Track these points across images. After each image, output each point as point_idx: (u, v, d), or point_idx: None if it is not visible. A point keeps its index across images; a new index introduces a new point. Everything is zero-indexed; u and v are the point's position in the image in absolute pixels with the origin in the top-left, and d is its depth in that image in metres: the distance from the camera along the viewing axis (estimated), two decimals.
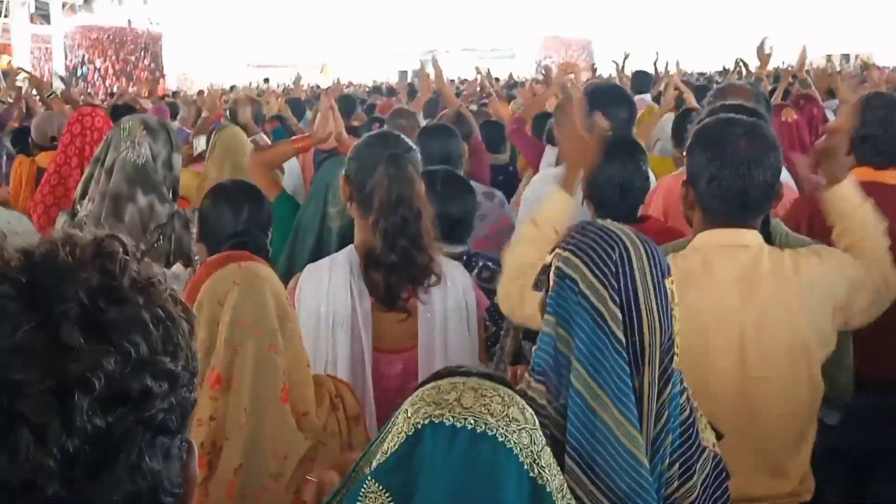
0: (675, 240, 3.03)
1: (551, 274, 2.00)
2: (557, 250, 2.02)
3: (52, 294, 0.99)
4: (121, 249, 1.07)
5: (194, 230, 3.73)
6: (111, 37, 31.77)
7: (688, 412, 2.05)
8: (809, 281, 2.72)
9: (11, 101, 9.47)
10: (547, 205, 3.12)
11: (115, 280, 1.04)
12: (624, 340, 1.90)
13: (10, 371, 0.95)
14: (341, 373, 3.03)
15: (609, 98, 4.79)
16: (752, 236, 2.76)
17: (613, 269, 1.93)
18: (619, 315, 1.91)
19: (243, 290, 2.55)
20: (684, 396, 2.04)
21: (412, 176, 3.21)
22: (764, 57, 9.00)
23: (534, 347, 2.02)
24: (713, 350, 2.68)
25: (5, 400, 0.95)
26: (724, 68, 16.49)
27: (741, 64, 12.96)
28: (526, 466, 1.48)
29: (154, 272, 1.10)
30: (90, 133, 5.14)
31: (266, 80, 25.85)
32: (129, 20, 33.83)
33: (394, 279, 3.11)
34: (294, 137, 5.38)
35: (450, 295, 3.20)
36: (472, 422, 1.48)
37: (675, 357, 1.99)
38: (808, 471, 2.82)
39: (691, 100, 7.75)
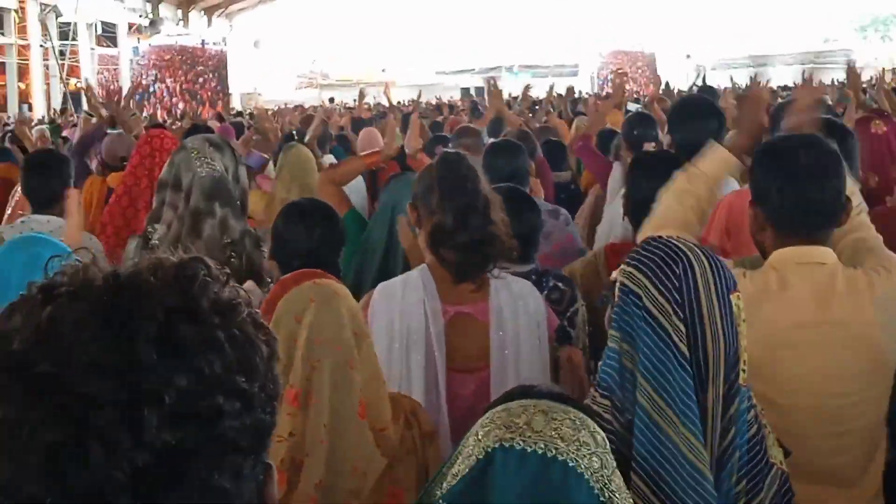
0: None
1: (616, 289, 1.99)
2: (623, 266, 2.00)
3: (130, 312, 1.02)
4: (202, 272, 1.09)
5: (265, 249, 3.76)
6: (183, 57, 32.22)
7: (756, 428, 2.03)
8: (885, 295, 2.70)
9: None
10: (706, 160, 3.11)
11: (193, 301, 1.06)
12: (688, 354, 1.88)
13: (83, 385, 0.97)
14: (415, 391, 3.03)
15: (698, 111, 4.72)
16: (828, 254, 2.74)
17: (677, 284, 1.91)
18: (683, 329, 1.88)
19: (320, 307, 2.55)
20: (752, 413, 2.02)
21: (472, 165, 3.26)
22: (854, 78, 8.75)
23: (599, 363, 2.01)
24: (788, 365, 2.66)
25: (78, 412, 0.97)
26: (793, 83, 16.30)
27: (806, 78, 12.85)
28: (597, 490, 1.47)
29: (237, 295, 1.12)
30: (159, 154, 5.17)
31: (331, 100, 26.02)
32: (203, 40, 34.25)
33: (466, 258, 3.13)
34: (364, 153, 5.41)
35: (521, 313, 3.18)
36: (543, 446, 1.48)
37: (743, 373, 1.97)
38: (880, 486, 2.79)
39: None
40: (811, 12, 46.53)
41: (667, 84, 13.05)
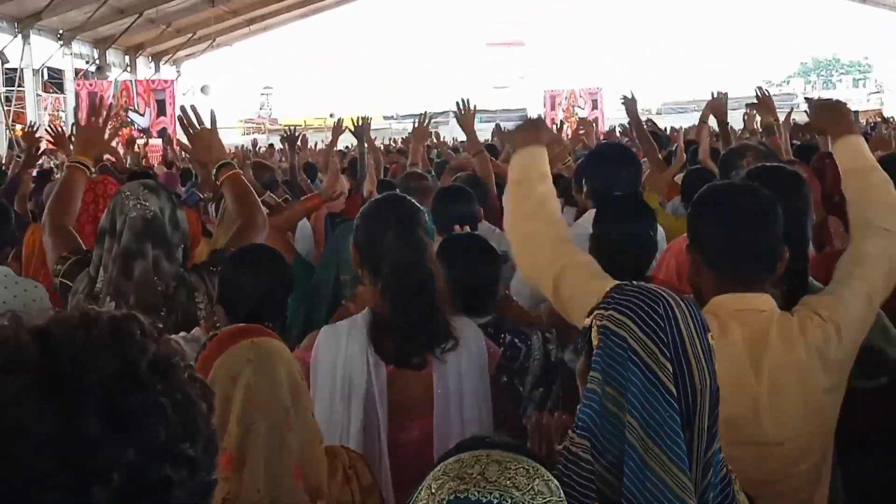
0: None
1: (593, 334, 2.00)
2: (598, 311, 2.03)
3: (70, 382, 0.98)
4: (138, 331, 1.06)
5: (198, 297, 3.72)
6: (144, 98, 32.17)
7: (725, 470, 2.05)
8: (815, 343, 2.71)
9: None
10: (524, 164, 3.17)
11: (134, 365, 1.02)
12: (675, 392, 1.90)
13: (29, 464, 0.93)
14: (354, 440, 3.00)
15: (614, 158, 4.79)
16: (766, 301, 2.76)
17: (662, 323, 1.94)
18: (670, 367, 1.91)
19: (256, 369, 2.50)
20: (722, 454, 2.04)
21: (421, 239, 3.20)
22: (764, 105, 8.62)
23: (578, 406, 2.01)
24: (729, 417, 2.65)
25: (23, 493, 0.93)
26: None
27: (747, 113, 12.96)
28: None
29: (172, 351, 1.08)
30: (102, 200, 5.12)
31: (271, 146, 25.89)
32: (173, 81, 34.13)
33: (407, 344, 3.09)
34: (304, 197, 5.38)
35: (464, 359, 3.15)
36: (498, 496, 1.46)
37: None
38: None
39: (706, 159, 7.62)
40: (754, 57, 47.35)
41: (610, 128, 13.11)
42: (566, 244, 2.99)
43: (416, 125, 8.31)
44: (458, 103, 7.83)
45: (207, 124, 4.29)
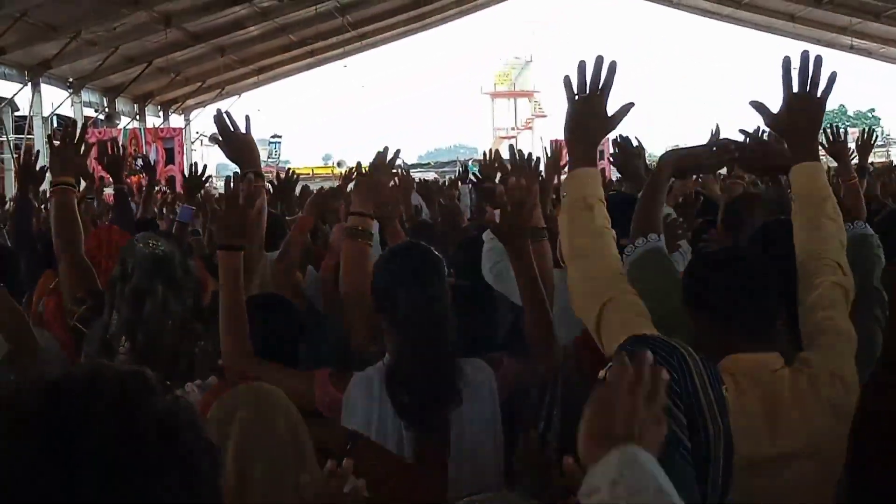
0: None
1: None
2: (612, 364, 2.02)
3: (72, 446, 0.97)
4: (146, 390, 1.06)
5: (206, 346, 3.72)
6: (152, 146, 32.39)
7: None
8: (829, 401, 2.73)
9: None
10: (581, 184, 3.09)
11: (137, 427, 1.02)
12: (689, 445, 1.91)
13: None
14: None
15: (623, 208, 4.74)
16: (777, 359, 2.77)
17: (675, 376, 1.94)
18: (684, 420, 1.92)
19: (251, 408, 2.50)
20: None
21: (439, 291, 3.20)
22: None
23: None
24: (741, 475, 2.65)
25: None
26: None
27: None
28: None
29: (178, 409, 1.08)
30: (106, 247, 5.15)
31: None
32: (182, 129, 34.37)
33: (421, 397, 3.09)
34: (294, 226, 5.36)
35: (476, 404, 3.16)
36: None
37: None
38: None
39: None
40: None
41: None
42: (619, 279, 2.97)
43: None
44: (485, 153, 8.14)
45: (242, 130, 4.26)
